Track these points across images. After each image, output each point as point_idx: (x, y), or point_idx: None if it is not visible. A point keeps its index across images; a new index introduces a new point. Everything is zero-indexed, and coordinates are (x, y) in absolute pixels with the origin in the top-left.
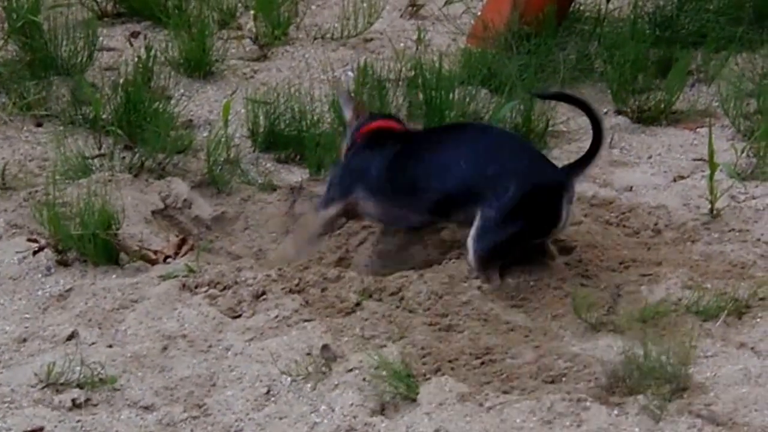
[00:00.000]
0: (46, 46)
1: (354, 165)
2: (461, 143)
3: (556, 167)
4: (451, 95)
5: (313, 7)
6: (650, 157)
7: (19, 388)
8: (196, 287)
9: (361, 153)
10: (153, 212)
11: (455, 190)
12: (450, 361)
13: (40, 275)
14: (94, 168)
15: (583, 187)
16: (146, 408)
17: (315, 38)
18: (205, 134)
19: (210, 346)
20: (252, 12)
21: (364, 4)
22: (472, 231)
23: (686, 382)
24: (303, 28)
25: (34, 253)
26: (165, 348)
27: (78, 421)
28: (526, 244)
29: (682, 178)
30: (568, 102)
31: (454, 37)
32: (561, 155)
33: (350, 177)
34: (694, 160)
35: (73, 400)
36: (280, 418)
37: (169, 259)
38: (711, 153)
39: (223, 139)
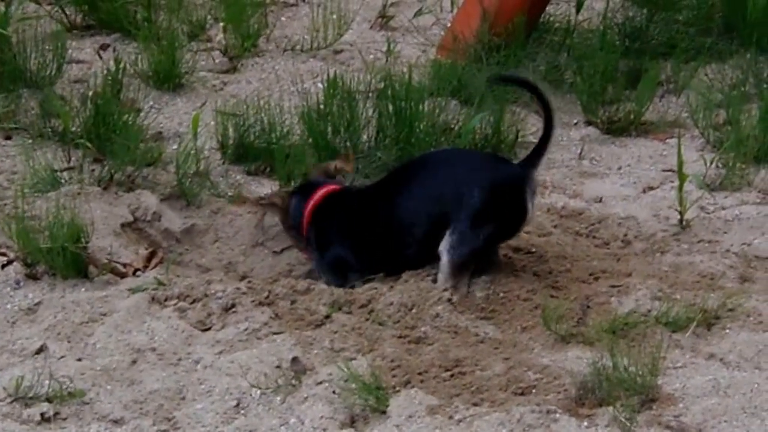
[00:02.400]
0: (15, 58)
1: (328, 259)
2: (418, 183)
3: (512, 163)
4: (420, 107)
5: (283, 18)
6: (620, 168)
7: None
8: (165, 300)
9: (324, 240)
10: (122, 225)
11: (428, 228)
12: (420, 374)
13: (8, 289)
14: (63, 181)
15: (552, 198)
16: (115, 422)
17: (285, 50)
18: (175, 147)
19: (179, 359)
20: (221, 24)
21: (334, 16)
22: (446, 241)
23: (655, 394)
24: (273, 40)
25: (3, 266)
26: (134, 361)
27: None
28: (499, 243)
29: (652, 189)
30: (520, 86)
31: (424, 48)
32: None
33: (334, 268)
34: (664, 170)
35: (42, 414)
36: (250, 431)
37: (138, 272)
38: (680, 164)
39: (192, 152)
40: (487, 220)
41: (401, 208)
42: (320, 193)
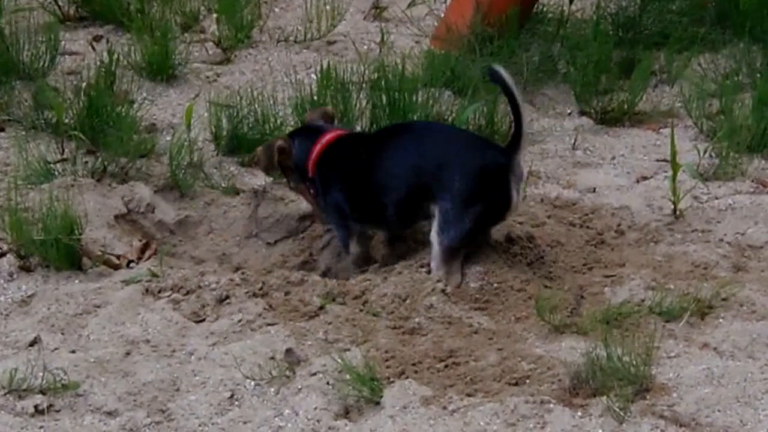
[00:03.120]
0: (8, 50)
1: (331, 205)
2: (402, 147)
3: (497, 148)
4: (414, 97)
5: (276, 9)
6: (613, 158)
7: None
8: (159, 292)
9: (325, 188)
10: (116, 217)
11: (405, 195)
12: (414, 365)
13: (2, 281)
14: (56, 173)
15: (546, 188)
16: (109, 413)
17: (278, 41)
18: (168, 138)
19: (173, 351)
20: (215, 15)
21: (328, 7)
22: (434, 227)
23: (649, 383)
24: (266, 31)
25: None
26: (128, 353)
27: (40, 427)
28: (486, 229)
29: (645, 178)
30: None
31: (418, 39)
32: (525, 156)
33: (338, 216)
34: (657, 160)
35: (36, 406)
36: (244, 423)
37: (132, 264)
38: (673, 154)
39: (186, 143)
40: (472, 205)
41: (384, 170)
42: (328, 137)
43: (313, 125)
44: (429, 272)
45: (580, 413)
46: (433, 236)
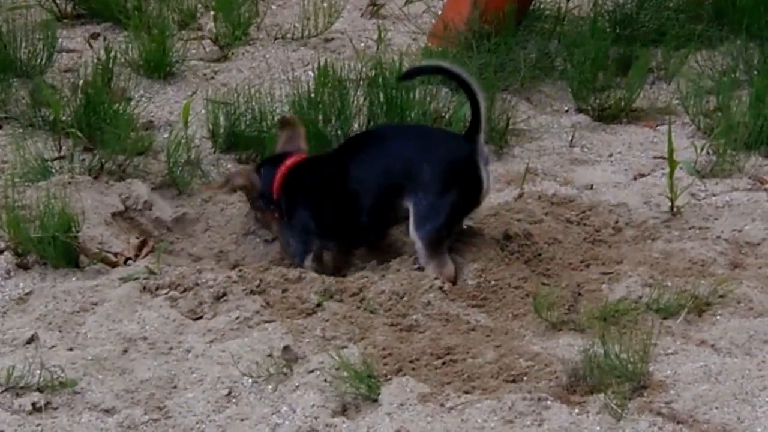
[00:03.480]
0: (5, 48)
1: (297, 223)
2: (368, 152)
3: (459, 136)
4: (411, 94)
5: (274, 6)
6: (611, 155)
7: None
8: (156, 289)
9: (290, 207)
10: (113, 214)
11: (377, 198)
12: (411, 362)
13: None
14: (53, 170)
15: (543, 185)
16: (107, 411)
17: (275, 38)
18: (166, 135)
19: (171, 348)
20: (212, 12)
21: (325, 4)
22: (411, 224)
23: (647, 381)
24: (263, 29)
25: None
26: (125, 350)
27: (38, 424)
28: (462, 217)
29: (643, 176)
30: (432, 73)
31: (415, 36)
32: (522, 153)
33: (302, 233)
34: (655, 157)
35: (33, 404)
36: (242, 420)
37: (129, 261)
38: (671, 151)
39: (183, 140)
40: (445, 195)
41: (353, 178)
42: (291, 160)
43: (279, 153)
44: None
45: (577, 410)
46: (412, 233)
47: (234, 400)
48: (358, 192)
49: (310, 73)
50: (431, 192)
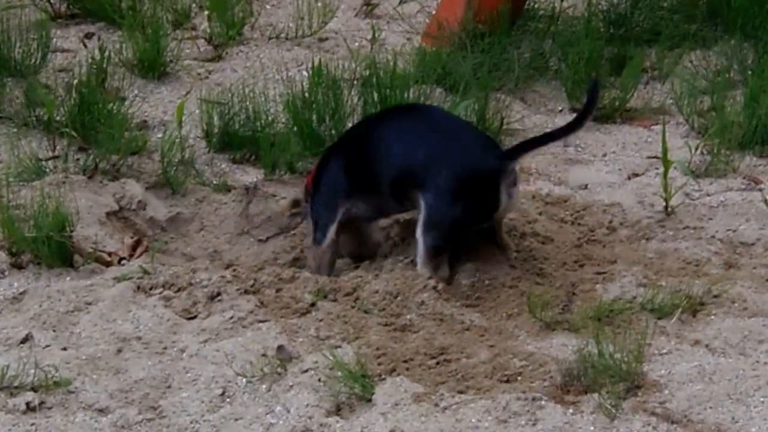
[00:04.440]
0: None
1: (324, 188)
2: (404, 125)
3: (493, 150)
4: (406, 94)
5: (268, 6)
6: (605, 155)
7: None
8: (150, 289)
9: (321, 177)
10: (107, 214)
11: (397, 174)
12: (405, 361)
13: None
14: (47, 170)
15: (537, 184)
16: (101, 410)
17: (269, 38)
18: (160, 135)
19: (165, 348)
20: (206, 12)
21: (319, 4)
22: (419, 224)
23: (641, 380)
24: (257, 28)
25: None
26: (120, 350)
27: (32, 424)
28: (472, 229)
29: (637, 175)
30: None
31: (409, 36)
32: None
33: (328, 195)
34: (649, 157)
35: (27, 404)
36: (236, 420)
37: (123, 261)
38: (665, 150)
39: (177, 140)
40: (456, 203)
41: (381, 146)
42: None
43: None
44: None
45: (571, 410)
46: (419, 235)
47: (228, 400)
48: (382, 162)
49: (304, 72)
50: (444, 198)
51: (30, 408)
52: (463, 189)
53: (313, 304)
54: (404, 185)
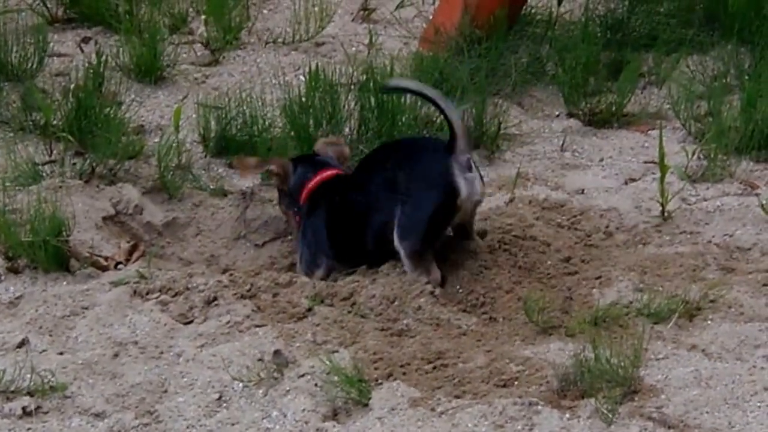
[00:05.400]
0: None
1: (308, 237)
2: (372, 170)
3: (438, 146)
4: (402, 99)
5: (265, 11)
6: (602, 160)
7: None
8: (147, 293)
9: (309, 221)
10: (104, 218)
11: (375, 221)
12: (402, 366)
13: None
14: (44, 174)
15: (534, 190)
16: (97, 415)
17: (266, 43)
18: (156, 140)
19: (161, 353)
20: (203, 17)
21: (316, 8)
22: (395, 235)
23: (637, 385)
24: (254, 33)
25: None
26: (116, 355)
27: (28, 429)
28: (446, 226)
29: (634, 180)
30: (410, 93)
31: (406, 41)
32: (513, 158)
33: (312, 248)
34: (646, 162)
35: (24, 408)
36: (232, 424)
37: (120, 266)
38: (662, 155)
39: (174, 145)
40: (423, 205)
41: (358, 201)
42: (325, 174)
43: (319, 158)
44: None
45: (568, 415)
46: (396, 244)
47: (224, 405)
48: (363, 215)
49: (301, 77)
50: (409, 203)
51: (26, 413)
52: (423, 190)
53: (309, 309)
54: (385, 223)
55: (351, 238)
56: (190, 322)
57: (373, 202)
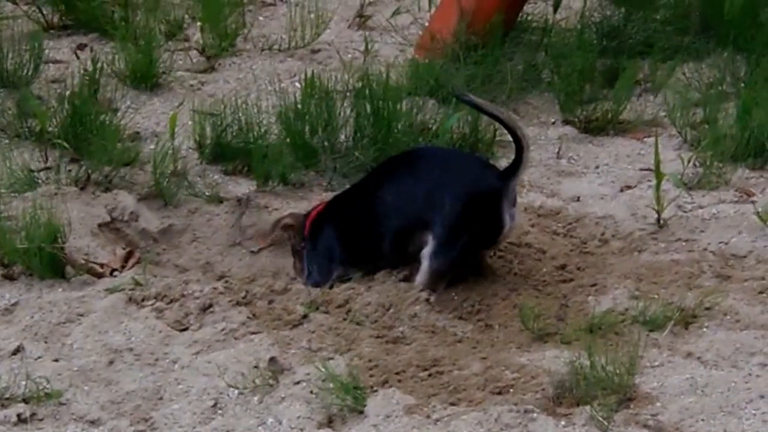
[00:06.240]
0: None
1: (318, 250)
2: (397, 176)
3: (491, 172)
4: (398, 106)
5: (261, 18)
6: (597, 167)
7: None
8: (142, 300)
9: (314, 241)
10: (99, 225)
11: (401, 223)
12: (397, 373)
13: None
14: (40, 181)
15: (530, 197)
16: (92, 422)
17: (262, 49)
18: (152, 146)
19: (157, 360)
20: (199, 23)
21: (312, 15)
22: (428, 250)
23: (633, 393)
24: (250, 40)
25: None
26: (111, 362)
27: None
28: (477, 253)
29: (629, 188)
30: (482, 112)
31: (402, 48)
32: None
33: (324, 262)
34: (641, 169)
35: (19, 415)
36: (228, 431)
37: (115, 272)
38: (657, 163)
39: (169, 152)
40: (463, 230)
41: (380, 201)
42: (323, 204)
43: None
44: (406, 280)
45: (563, 422)
46: (425, 256)
47: (220, 412)
48: (383, 219)
49: (297, 84)
50: (450, 225)
51: (21, 420)
52: (468, 212)
53: (305, 316)
54: (408, 234)
55: (365, 241)
56: (186, 329)
57: (399, 206)
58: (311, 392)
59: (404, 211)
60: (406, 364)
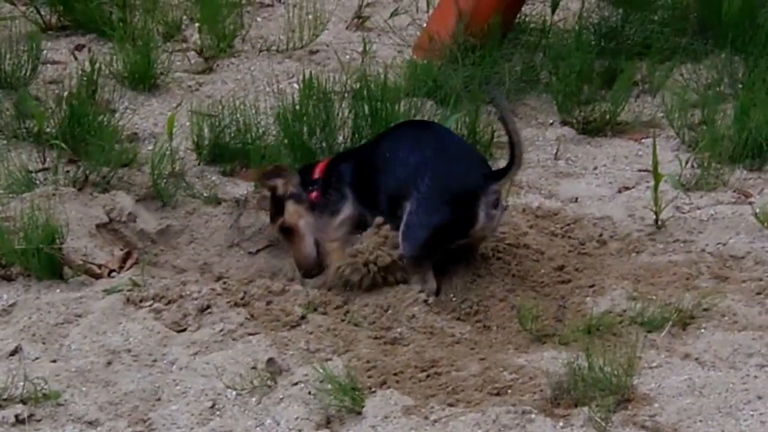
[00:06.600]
0: None
1: (337, 175)
2: (402, 139)
3: (478, 169)
4: (396, 107)
5: (259, 19)
6: (595, 168)
7: None
8: (140, 301)
9: (334, 169)
10: (97, 226)
11: (394, 188)
12: (395, 374)
13: None
14: (38, 182)
15: (528, 198)
16: (90, 423)
17: (260, 50)
18: (150, 147)
19: (155, 360)
20: (197, 24)
21: (310, 17)
22: (400, 228)
23: (631, 394)
24: (248, 41)
25: None
26: (109, 362)
27: None
28: (450, 244)
29: (627, 189)
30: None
31: (400, 49)
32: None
33: (340, 185)
34: (639, 170)
35: (17, 416)
36: None
37: (113, 273)
38: (655, 164)
39: (167, 152)
40: (434, 212)
41: (383, 157)
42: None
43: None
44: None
45: (561, 423)
46: (399, 242)
47: (218, 413)
48: (383, 174)
49: (295, 85)
50: (423, 205)
51: (19, 420)
52: (442, 198)
53: (303, 317)
54: (397, 198)
55: (371, 189)
56: (184, 330)
57: (394, 168)
58: (309, 393)
59: (396, 174)
60: (404, 365)
